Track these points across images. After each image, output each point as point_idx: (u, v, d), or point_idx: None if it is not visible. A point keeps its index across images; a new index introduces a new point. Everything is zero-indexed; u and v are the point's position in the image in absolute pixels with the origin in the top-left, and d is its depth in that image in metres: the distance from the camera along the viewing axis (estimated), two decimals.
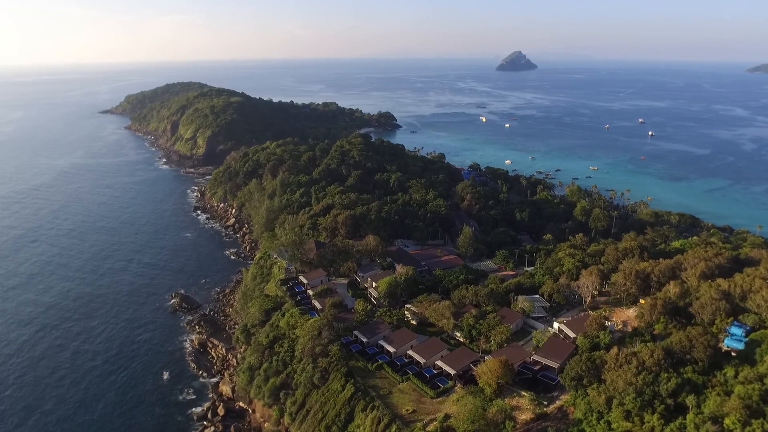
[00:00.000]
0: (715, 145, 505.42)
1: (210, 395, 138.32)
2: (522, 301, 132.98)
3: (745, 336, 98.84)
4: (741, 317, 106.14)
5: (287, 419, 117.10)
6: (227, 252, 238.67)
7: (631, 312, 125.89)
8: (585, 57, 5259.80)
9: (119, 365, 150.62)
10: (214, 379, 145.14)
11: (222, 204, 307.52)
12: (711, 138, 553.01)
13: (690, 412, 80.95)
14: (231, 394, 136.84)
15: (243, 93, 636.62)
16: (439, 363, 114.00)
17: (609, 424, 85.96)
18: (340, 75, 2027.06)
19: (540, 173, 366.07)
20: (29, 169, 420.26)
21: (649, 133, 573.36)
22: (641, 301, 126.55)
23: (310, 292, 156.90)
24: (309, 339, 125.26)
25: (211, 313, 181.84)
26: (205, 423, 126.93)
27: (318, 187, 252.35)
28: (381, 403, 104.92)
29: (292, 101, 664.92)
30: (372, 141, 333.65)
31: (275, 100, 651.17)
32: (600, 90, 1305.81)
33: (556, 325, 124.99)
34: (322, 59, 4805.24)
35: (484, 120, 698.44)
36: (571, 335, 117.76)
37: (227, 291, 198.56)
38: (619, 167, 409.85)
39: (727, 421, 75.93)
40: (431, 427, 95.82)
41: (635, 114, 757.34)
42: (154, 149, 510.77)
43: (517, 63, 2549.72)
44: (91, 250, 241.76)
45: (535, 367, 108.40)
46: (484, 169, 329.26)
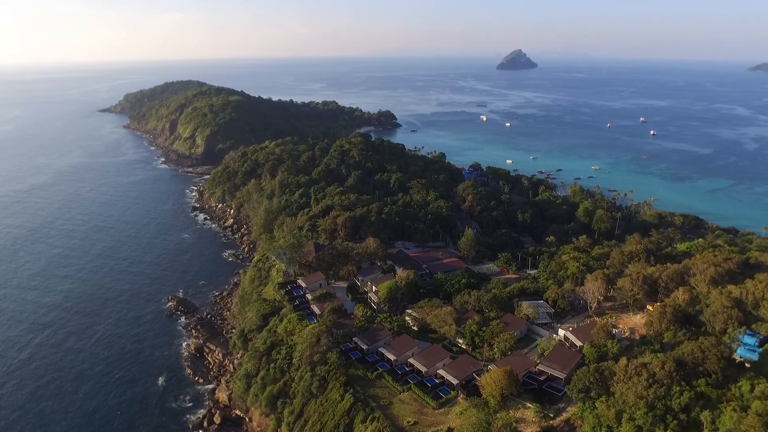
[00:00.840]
0: (718, 145, 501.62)
1: (206, 402, 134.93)
2: (526, 307, 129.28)
3: (759, 346, 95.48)
4: (754, 326, 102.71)
5: (285, 429, 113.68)
6: (225, 253, 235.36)
7: (639, 318, 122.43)
8: (586, 56, 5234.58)
9: (114, 368, 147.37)
10: (210, 386, 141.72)
11: (220, 204, 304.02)
12: (713, 137, 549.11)
13: (705, 429, 77.50)
14: (227, 401, 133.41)
15: (242, 92, 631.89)
16: (442, 372, 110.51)
17: None
18: (340, 73, 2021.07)
19: (541, 173, 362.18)
20: (28, 169, 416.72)
21: (651, 133, 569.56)
22: (649, 308, 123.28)
23: (308, 296, 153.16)
24: (307, 346, 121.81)
25: (208, 317, 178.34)
26: None
27: (317, 188, 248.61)
28: (381, 414, 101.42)
29: (291, 100, 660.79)
30: (372, 140, 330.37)
31: (275, 98, 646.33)
32: (601, 89, 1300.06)
33: (561, 332, 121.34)
34: (322, 58, 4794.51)
35: (484, 119, 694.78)
36: (578, 343, 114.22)
37: (225, 294, 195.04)
38: (621, 167, 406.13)
39: None
40: None
41: (637, 113, 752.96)
42: (152, 148, 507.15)
43: (518, 62, 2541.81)
44: (91, 251, 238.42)
45: (541, 377, 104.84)
46: (485, 169, 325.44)
